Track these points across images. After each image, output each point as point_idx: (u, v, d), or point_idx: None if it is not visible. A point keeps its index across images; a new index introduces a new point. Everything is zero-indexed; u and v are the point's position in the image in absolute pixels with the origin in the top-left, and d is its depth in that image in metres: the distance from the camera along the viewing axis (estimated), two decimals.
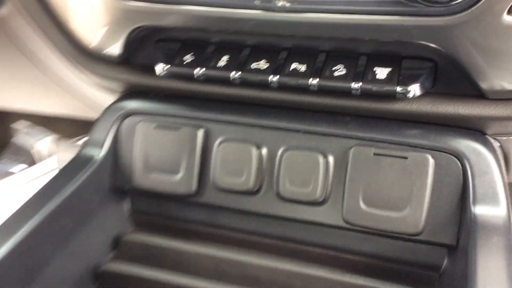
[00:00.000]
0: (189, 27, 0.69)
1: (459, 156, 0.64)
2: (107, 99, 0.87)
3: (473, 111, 0.65)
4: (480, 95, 0.64)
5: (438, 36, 0.59)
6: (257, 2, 0.62)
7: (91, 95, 0.96)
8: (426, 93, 0.65)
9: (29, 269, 0.65)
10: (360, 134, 0.68)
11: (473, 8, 0.55)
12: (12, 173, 2.04)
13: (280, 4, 0.62)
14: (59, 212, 0.69)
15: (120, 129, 0.78)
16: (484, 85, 0.63)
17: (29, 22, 0.82)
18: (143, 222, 0.82)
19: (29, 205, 0.68)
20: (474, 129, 0.67)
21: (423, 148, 0.66)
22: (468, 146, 0.65)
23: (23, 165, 2.01)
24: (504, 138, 0.70)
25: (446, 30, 0.58)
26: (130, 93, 0.81)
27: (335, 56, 0.68)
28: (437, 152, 0.65)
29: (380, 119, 0.69)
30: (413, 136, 0.67)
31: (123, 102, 0.80)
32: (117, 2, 0.69)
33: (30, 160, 2.02)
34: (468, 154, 0.64)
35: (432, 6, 0.56)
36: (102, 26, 0.74)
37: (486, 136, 0.68)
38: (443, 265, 0.68)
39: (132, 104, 0.79)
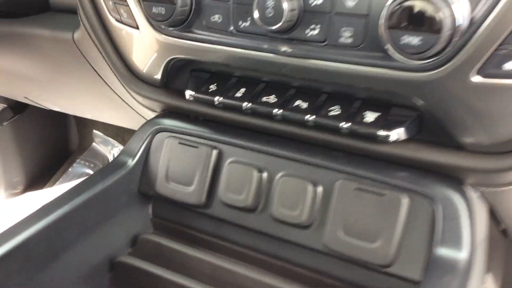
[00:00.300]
0: (210, 61, 0.80)
1: (431, 200, 0.70)
2: (151, 116, 1.01)
3: (451, 161, 0.70)
4: (459, 146, 0.70)
5: (414, 90, 0.66)
6: (265, 46, 0.73)
7: (140, 111, 1.11)
8: (411, 139, 0.72)
9: (54, 249, 0.78)
10: (348, 169, 0.76)
11: (444, 67, 0.62)
12: (88, 174, 2.28)
13: (283, 49, 0.72)
14: (88, 205, 0.82)
15: (152, 142, 0.91)
16: (459, 138, 0.69)
17: (96, 45, 0.98)
18: (161, 226, 0.93)
19: (64, 195, 0.82)
20: (452, 177, 0.72)
21: (401, 189, 0.72)
22: (440, 192, 0.70)
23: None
24: (485, 189, 0.74)
25: (422, 85, 0.65)
26: (166, 112, 0.95)
27: (334, 98, 0.76)
28: (412, 194, 0.71)
29: (368, 158, 0.76)
30: (394, 177, 0.73)
31: (157, 119, 0.93)
32: (158, 36, 0.82)
33: (104, 164, 2.25)
34: (439, 200, 0.70)
35: (408, 62, 0.64)
36: (146, 54, 0.88)
37: (464, 185, 0.73)
38: None
39: (165, 122, 0.92)
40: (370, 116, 0.73)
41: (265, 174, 0.81)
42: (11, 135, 2.11)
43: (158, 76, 0.90)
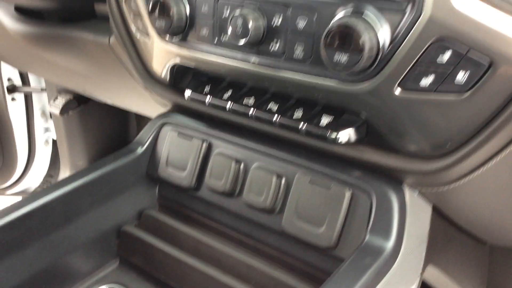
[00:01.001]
0: (204, 67, 0.96)
1: (369, 194, 0.81)
2: None
3: (390, 163, 0.81)
4: (397, 149, 0.81)
5: (352, 99, 0.77)
6: (239, 56, 0.87)
7: (163, 106, 1.28)
8: (360, 142, 0.83)
9: (69, 213, 0.96)
10: (307, 164, 0.88)
11: (372, 80, 0.74)
12: None
13: (252, 60, 0.86)
14: (100, 180, 1.00)
15: (159, 133, 1.08)
16: (394, 142, 0.79)
17: (124, 49, 1.17)
18: (165, 205, 1.10)
19: (81, 171, 1.00)
20: (391, 177, 0.83)
21: (346, 184, 0.83)
22: (378, 189, 0.81)
23: None
24: (424, 188, 0.84)
25: (356, 96, 0.76)
26: (173, 108, 1.11)
27: (301, 103, 0.89)
28: (355, 188, 0.83)
29: (325, 156, 0.88)
30: (343, 173, 0.85)
31: (165, 114, 1.09)
32: (162, 44, 0.99)
33: None
34: (376, 195, 0.80)
35: (343, 76, 0.76)
36: (157, 59, 1.05)
37: (403, 184, 0.83)
38: None
39: (170, 117, 1.08)
40: (324, 120, 0.85)
41: (242, 165, 0.95)
42: (76, 123, 2.35)
43: (167, 77, 1.06)
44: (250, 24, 0.81)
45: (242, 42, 0.82)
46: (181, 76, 1.06)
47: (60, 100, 2.28)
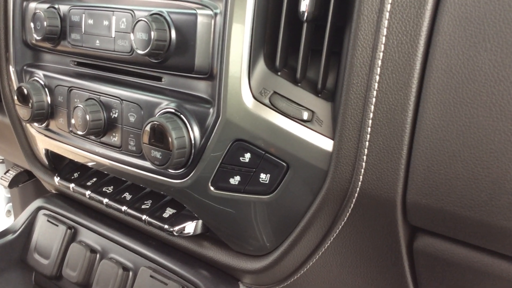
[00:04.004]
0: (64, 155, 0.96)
1: None
2: None
3: (226, 260, 0.79)
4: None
5: (176, 194, 0.77)
6: (87, 147, 0.88)
7: None
8: (204, 236, 0.82)
9: None
10: (155, 257, 0.86)
11: (188, 177, 0.73)
12: None
13: (97, 150, 0.86)
14: None
15: (35, 218, 1.07)
16: (227, 241, 0.77)
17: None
18: None
19: None
20: (230, 276, 0.81)
21: (186, 279, 0.81)
22: (211, 284, 0.79)
23: None
24: None
25: (179, 191, 0.75)
26: (54, 192, 1.10)
27: (151, 194, 0.88)
28: (192, 284, 0.80)
29: (175, 249, 0.86)
30: (184, 268, 0.82)
31: (43, 198, 1.09)
32: (32, 131, 1.00)
33: None
34: None
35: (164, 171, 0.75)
36: (36, 144, 1.05)
37: (239, 283, 0.80)
38: None
39: (47, 201, 1.07)
40: (168, 212, 0.83)
41: (98, 256, 0.93)
42: (32, 193, 2.34)
43: (46, 162, 1.06)
44: (88, 117, 0.81)
45: (82, 133, 0.83)
46: (60, 161, 1.06)
47: (11, 173, 2.29)
